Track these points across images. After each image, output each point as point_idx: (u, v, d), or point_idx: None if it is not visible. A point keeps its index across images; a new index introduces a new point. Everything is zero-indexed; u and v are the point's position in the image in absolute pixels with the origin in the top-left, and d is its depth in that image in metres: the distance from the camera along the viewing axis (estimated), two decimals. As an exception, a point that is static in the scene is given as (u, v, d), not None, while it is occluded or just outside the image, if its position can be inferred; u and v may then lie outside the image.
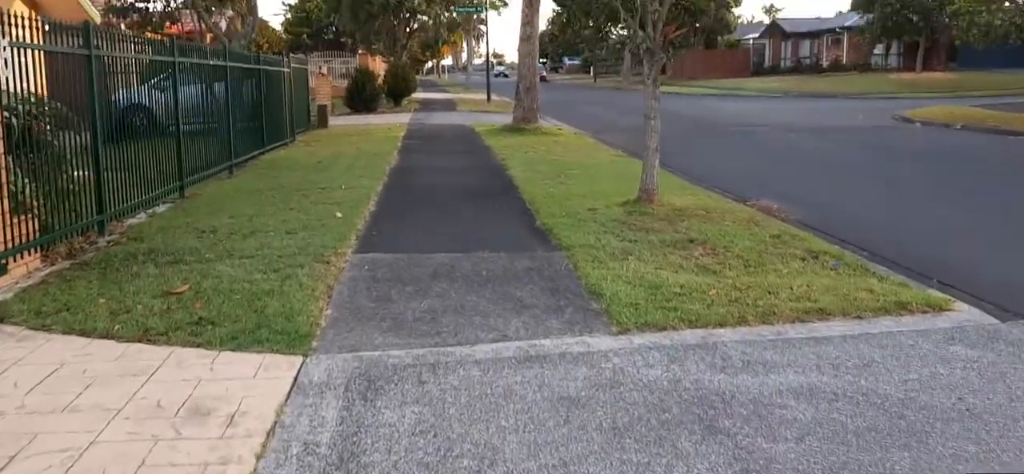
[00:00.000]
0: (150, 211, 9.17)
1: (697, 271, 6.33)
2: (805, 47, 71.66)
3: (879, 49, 63.21)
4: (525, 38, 20.52)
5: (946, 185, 12.47)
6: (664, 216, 8.30)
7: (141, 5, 16.98)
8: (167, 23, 17.43)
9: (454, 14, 41.36)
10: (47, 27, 7.33)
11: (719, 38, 79.36)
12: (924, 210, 10.16)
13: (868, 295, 5.67)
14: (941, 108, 27.48)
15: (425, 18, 41.10)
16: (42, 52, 7.14)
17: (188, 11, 17.85)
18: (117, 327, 4.87)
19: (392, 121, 24.00)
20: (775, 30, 74.24)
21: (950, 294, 5.85)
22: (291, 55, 19.06)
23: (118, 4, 16.80)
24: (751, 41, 76.56)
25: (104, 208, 7.84)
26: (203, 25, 17.62)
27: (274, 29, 60.34)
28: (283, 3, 61.03)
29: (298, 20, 58.48)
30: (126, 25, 16.75)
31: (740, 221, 8.26)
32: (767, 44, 75.24)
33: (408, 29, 42.42)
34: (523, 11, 20.53)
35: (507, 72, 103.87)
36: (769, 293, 5.66)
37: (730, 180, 12.12)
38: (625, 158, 14.89)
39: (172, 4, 17.30)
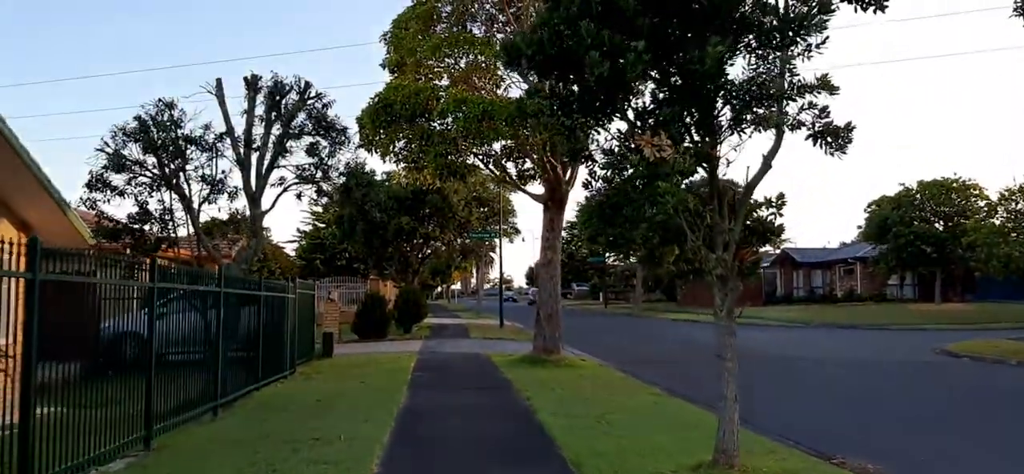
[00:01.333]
0: (103, 470, 7.35)
1: None
2: (817, 277, 71.40)
3: (894, 279, 62.70)
4: (546, 263, 19.36)
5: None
6: (755, 489, 6.42)
7: (135, 227, 15.95)
8: (163, 246, 16.33)
9: (467, 240, 41.11)
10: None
11: (729, 267, 79.13)
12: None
13: None
14: (982, 342, 25.85)
15: (438, 244, 40.83)
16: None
17: (188, 234, 16.83)
18: None
19: (402, 349, 22.42)
20: (786, 260, 74.39)
21: None
22: (297, 280, 17.88)
23: (109, 226, 15.79)
24: (762, 270, 76.56)
25: (29, 474, 6.03)
26: (202, 249, 16.46)
27: (288, 255, 60.68)
28: (298, 230, 61.82)
29: (311, 246, 58.81)
30: (122, 247, 15.74)
31: (853, 497, 6.36)
32: (778, 273, 75.15)
33: (421, 255, 42.07)
34: (543, 235, 19.56)
35: (515, 296, 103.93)
36: None
37: (800, 427, 10.27)
38: (666, 397, 13.09)
39: (169, 229, 16.26)
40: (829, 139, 6.71)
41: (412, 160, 18.93)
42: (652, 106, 6.88)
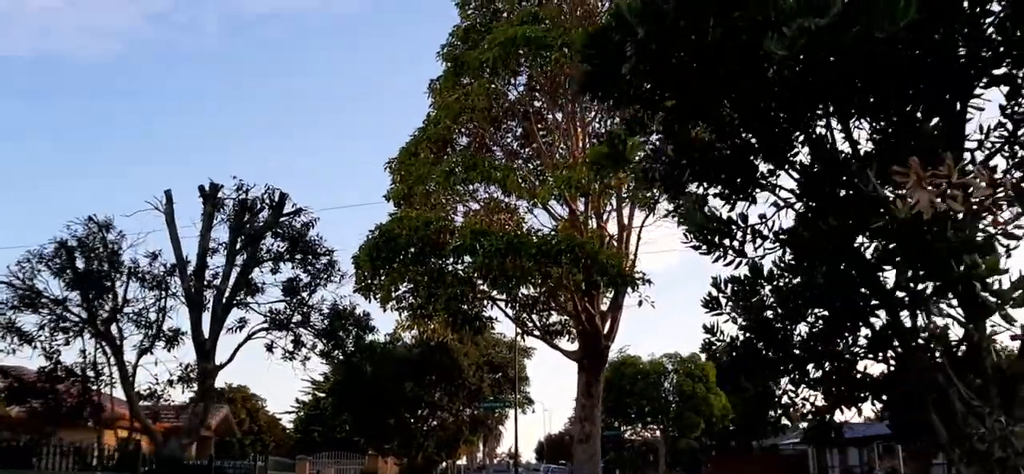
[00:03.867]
0: None
1: None
2: (853, 455, 65.54)
3: (941, 458, 57.31)
4: (583, 438, 15.47)
5: None
6: None
7: (45, 386, 12.15)
8: (86, 412, 12.58)
9: (478, 410, 37.03)
10: None
11: (755, 443, 74.31)
12: None
13: None
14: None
15: (446, 415, 36.73)
16: None
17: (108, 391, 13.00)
18: None
19: (399, 545, 18.14)
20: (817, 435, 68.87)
21: None
22: (269, 458, 14.05)
23: (4, 385, 11.93)
24: (791, 447, 70.85)
25: None
26: (137, 417, 12.49)
27: (284, 427, 56.21)
28: (296, 400, 57.54)
29: (309, 417, 54.33)
30: (26, 412, 12.01)
31: None
32: (809, 451, 69.35)
33: (425, 427, 37.87)
34: (579, 402, 15.84)
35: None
36: None
37: None
38: None
39: (95, 388, 12.45)
40: None
41: (418, 307, 15.55)
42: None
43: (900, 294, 3.67)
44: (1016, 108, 3.96)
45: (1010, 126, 3.99)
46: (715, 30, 3.44)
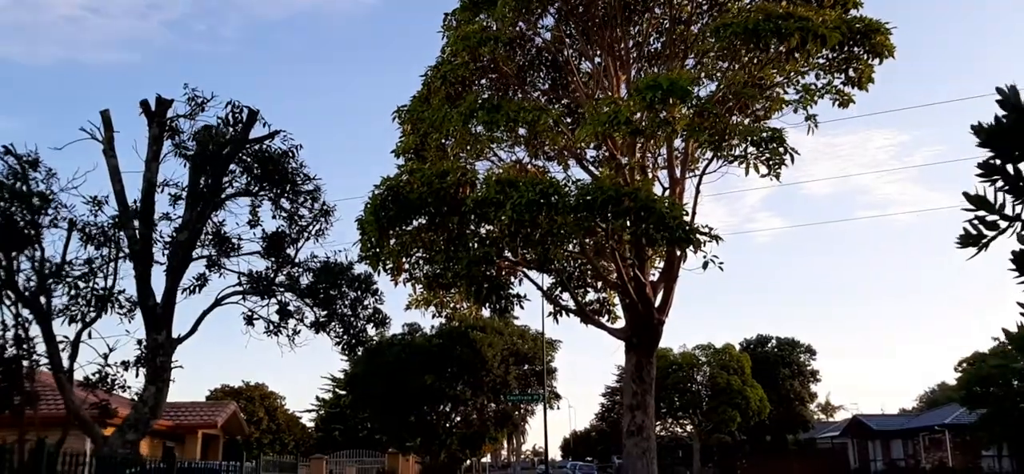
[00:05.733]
0: None
1: None
2: (897, 448, 62.30)
3: (988, 450, 53.96)
4: (634, 430, 12.87)
5: None
6: None
7: None
8: (14, 400, 10.27)
9: (505, 404, 34.66)
10: None
11: (790, 436, 71.29)
12: None
13: None
14: None
15: (469, 408, 34.44)
16: None
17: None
18: None
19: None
20: (858, 428, 65.70)
21: None
22: (262, 457, 11.71)
23: None
24: (831, 441, 67.82)
25: None
26: (74, 408, 10.05)
27: (305, 426, 54.39)
28: (317, 398, 55.64)
29: (330, 416, 52.42)
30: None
31: None
32: (850, 444, 66.22)
33: (448, 423, 35.58)
34: (628, 389, 13.29)
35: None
36: None
37: None
38: None
39: (16, 371, 10.02)
40: None
41: (435, 277, 13.06)
42: None
43: None
44: None
45: None
46: None
